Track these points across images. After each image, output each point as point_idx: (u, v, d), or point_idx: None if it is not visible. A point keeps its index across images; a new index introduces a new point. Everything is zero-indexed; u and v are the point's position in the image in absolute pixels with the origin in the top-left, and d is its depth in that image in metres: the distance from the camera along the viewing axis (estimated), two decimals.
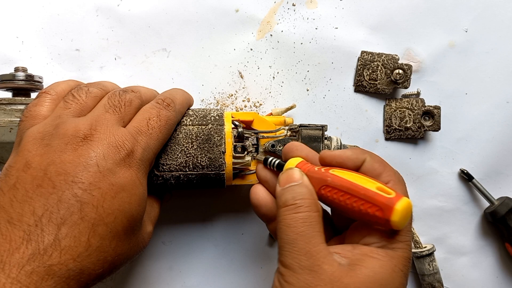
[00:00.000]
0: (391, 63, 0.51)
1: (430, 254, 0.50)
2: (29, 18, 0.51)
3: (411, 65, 0.51)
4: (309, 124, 0.43)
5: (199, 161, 0.40)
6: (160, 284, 0.50)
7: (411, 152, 0.53)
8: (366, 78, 0.52)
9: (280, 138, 0.43)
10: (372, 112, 0.53)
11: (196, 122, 0.41)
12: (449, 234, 0.53)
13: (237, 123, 0.42)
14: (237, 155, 0.41)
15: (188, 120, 0.41)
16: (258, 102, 0.52)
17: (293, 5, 0.52)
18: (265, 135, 0.44)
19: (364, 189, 0.32)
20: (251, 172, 0.43)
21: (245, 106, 0.52)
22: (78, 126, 0.33)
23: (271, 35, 0.52)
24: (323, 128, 0.43)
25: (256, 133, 0.43)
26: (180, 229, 0.51)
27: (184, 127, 0.40)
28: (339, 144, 0.44)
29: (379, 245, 0.33)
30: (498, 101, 0.53)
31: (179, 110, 0.40)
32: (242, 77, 0.52)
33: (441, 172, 0.53)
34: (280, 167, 0.38)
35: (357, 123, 0.52)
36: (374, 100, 0.53)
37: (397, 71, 0.51)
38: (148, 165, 0.36)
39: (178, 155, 0.39)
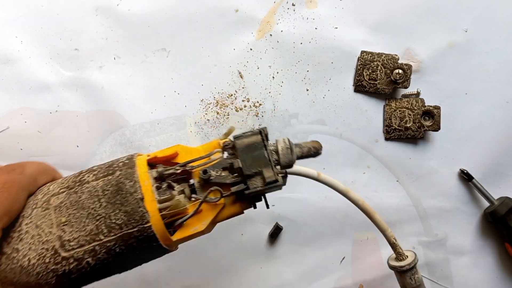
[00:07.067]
0: (391, 63, 0.51)
1: (411, 268, 0.42)
2: (29, 17, 0.50)
3: (411, 65, 0.51)
4: (243, 133, 0.34)
5: (113, 220, 0.31)
6: (160, 284, 0.50)
7: (411, 152, 0.53)
8: (366, 78, 0.52)
9: (216, 162, 0.34)
10: (372, 112, 0.53)
11: (101, 175, 0.33)
12: (449, 234, 0.53)
13: (155, 163, 0.34)
14: (162, 197, 0.32)
15: (91, 175, 0.33)
16: (257, 102, 0.52)
17: (293, 5, 0.52)
18: (195, 164, 0.34)
19: None
20: (190, 215, 0.33)
21: (245, 106, 0.52)
22: None
23: (270, 35, 0.52)
24: (262, 131, 0.33)
25: (183, 165, 0.34)
26: None
27: (86, 185, 0.32)
28: (288, 145, 0.34)
29: None
30: (498, 101, 0.53)
31: (30, 174, 0.33)
32: (241, 77, 0.52)
33: (441, 172, 0.53)
34: None
35: (357, 123, 0.52)
36: (374, 100, 0.53)
37: (397, 71, 0.51)
38: None
39: (85, 221, 0.31)
